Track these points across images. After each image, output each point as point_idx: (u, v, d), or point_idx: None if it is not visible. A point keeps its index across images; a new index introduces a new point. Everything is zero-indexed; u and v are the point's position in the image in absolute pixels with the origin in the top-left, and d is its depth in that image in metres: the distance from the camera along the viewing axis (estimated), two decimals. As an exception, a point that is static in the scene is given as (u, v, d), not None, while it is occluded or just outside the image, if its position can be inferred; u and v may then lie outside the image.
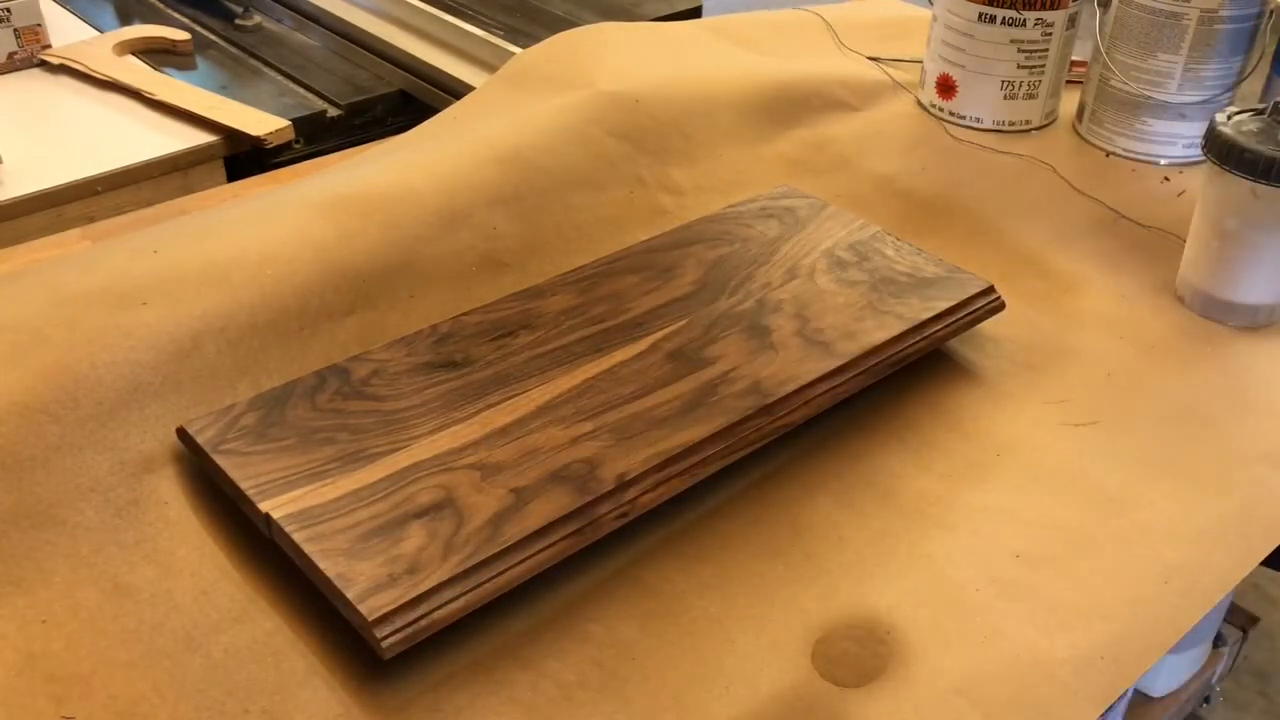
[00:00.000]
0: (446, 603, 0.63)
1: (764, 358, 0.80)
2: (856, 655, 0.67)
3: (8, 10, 1.37)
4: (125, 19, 1.60)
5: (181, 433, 0.73)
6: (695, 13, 1.60)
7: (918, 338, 0.85)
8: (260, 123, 1.29)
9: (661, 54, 1.24)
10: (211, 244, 0.88)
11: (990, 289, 0.89)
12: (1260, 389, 0.89)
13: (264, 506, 0.67)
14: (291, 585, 0.68)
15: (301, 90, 1.41)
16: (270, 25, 1.60)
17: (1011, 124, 1.21)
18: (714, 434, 0.74)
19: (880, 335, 0.83)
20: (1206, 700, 1.32)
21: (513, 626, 0.68)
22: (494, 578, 0.65)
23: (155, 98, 1.33)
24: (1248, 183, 0.89)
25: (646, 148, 1.09)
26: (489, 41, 1.42)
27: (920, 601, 0.71)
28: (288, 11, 1.62)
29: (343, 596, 0.62)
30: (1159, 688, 1.19)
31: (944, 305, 0.87)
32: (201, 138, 1.27)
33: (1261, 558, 0.75)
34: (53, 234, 1.08)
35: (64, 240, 1.05)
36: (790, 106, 1.19)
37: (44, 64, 1.41)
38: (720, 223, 0.96)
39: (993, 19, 1.16)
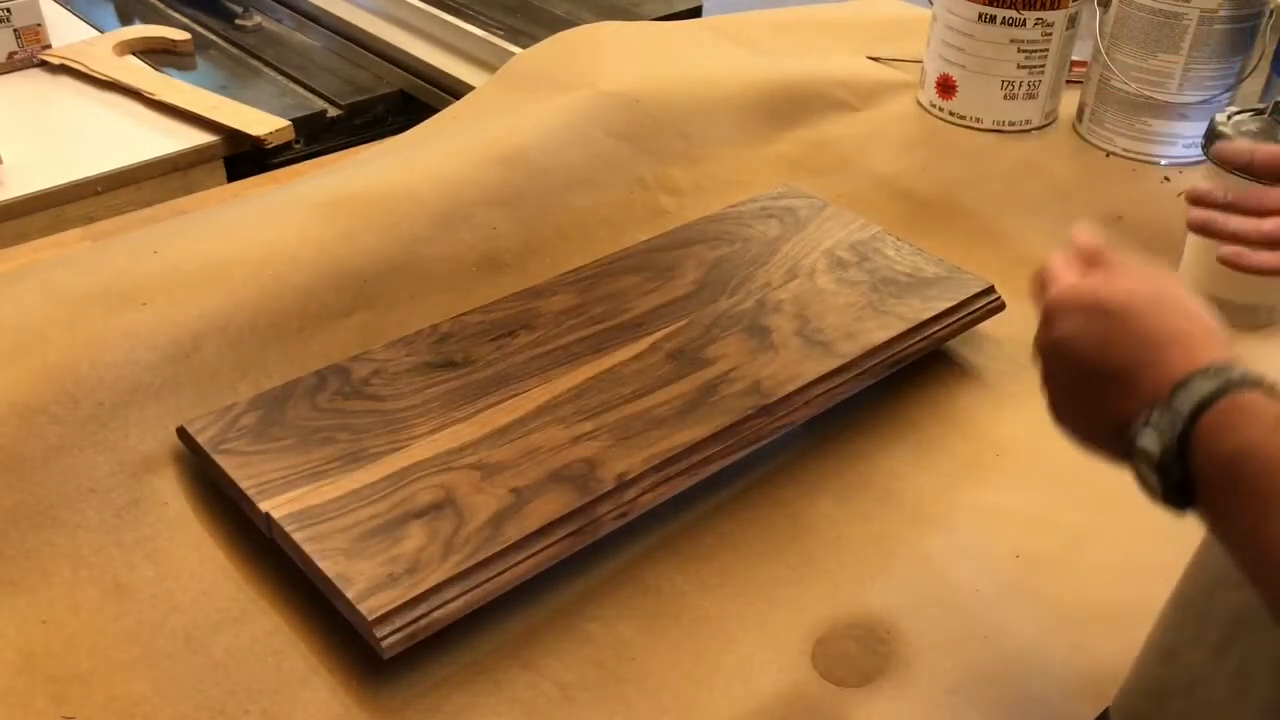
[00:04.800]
0: (446, 602, 0.63)
1: (764, 358, 0.80)
2: (856, 655, 0.67)
3: (8, 10, 1.37)
4: (125, 19, 1.60)
5: (182, 433, 0.73)
6: (695, 13, 1.60)
7: (918, 338, 0.85)
8: (260, 123, 1.28)
9: (661, 54, 1.24)
10: (211, 244, 0.88)
11: (990, 289, 0.89)
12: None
13: (264, 506, 0.67)
14: (291, 585, 0.68)
15: (301, 90, 1.41)
16: (270, 25, 1.60)
17: (1011, 124, 1.21)
18: (714, 434, 0.74)
19: (880, 335, 0.83)
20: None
21: (513, 626, 0.68)
22: (494, 577, 0.65)
23: (155, 98, 1.32)
24: (1248, 183, 0.89)
25: (646, 148, 1.09)
26: (489, 41, 1.42)
27: (920, 601, 0.71)
28: (288, 11, 1.62)
29: (342, 596, 0.62)
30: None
31: (944, 305, 0.87)
32: (201, 138, 1.27)
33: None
34: (53, 234, 1.08)
35: (64, 240, 1.05)
36: (790, 106, 1.19)
37: (44, 64, 1.41)
38: (720, 223, 0.96)
39: (993, 19, 1.16)
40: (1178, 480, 0.46)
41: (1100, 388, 0.50)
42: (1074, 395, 0.52)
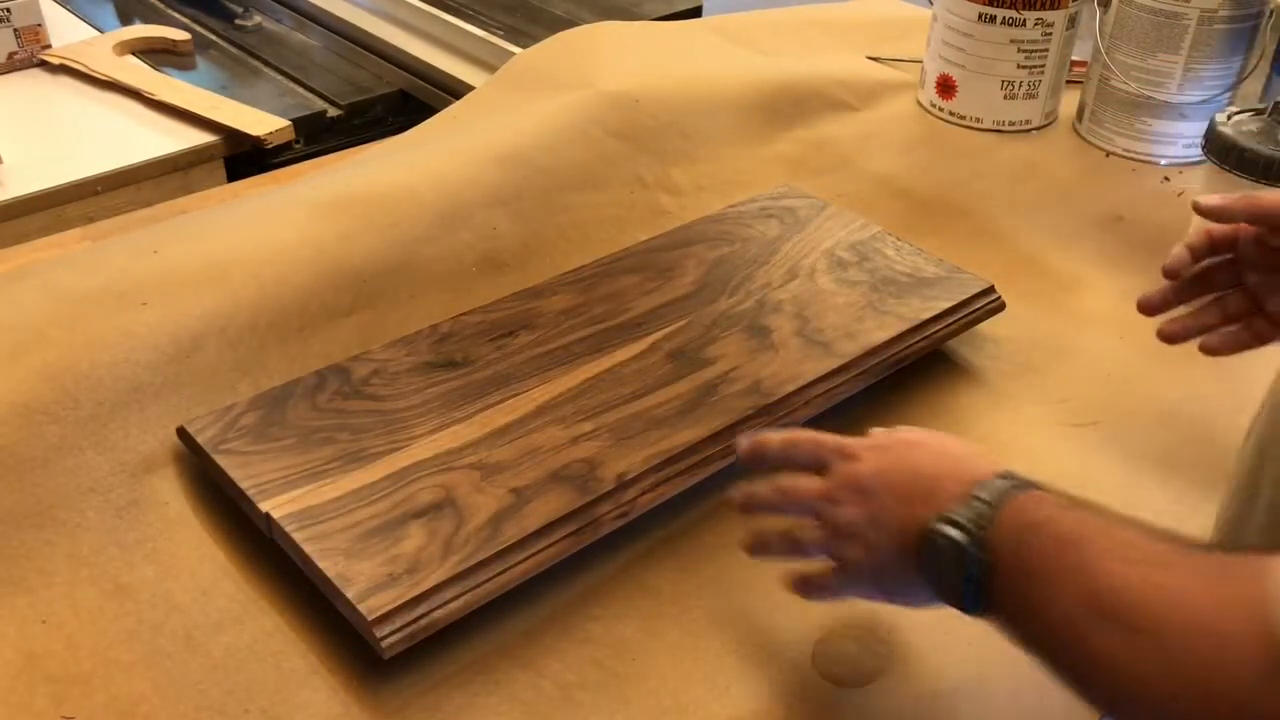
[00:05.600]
0: (446, 602, 0.63)
1: (764, 358, 0.80)
2: (856, 655, 0.67)
3: (8, 10, 1.37)
4: (125, 19, 1.60)
5: (182, 432, 0.73)
6: (695, 13, 1.60)
7: (918, 338, 0.85)
8: (260, 123, 1.29)
9: (661, 54, 1.24)
10: (211, 244, 0.88)
11: (990, 289, 0.89)
12: (1260, 389, 0.89)
13: (264, 506, 0.67)
14: (291, 585, 0.68)
15: (301, 90, 1.42)
16: (270, 25, 1.60)
17: (1011, 124, 1.21)
18: (714, 434, 0.74)
19: (880, 335, 0.83)
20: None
21: (513, 626, 0.68)
22: (494, 577, 0.65)
23: (155, 98, 1.33)
24: (1248, 182, 0.89)
25: (646, 148, 1.09)
26: (489, 41, 1.42)
27: (920, 601, 0.71)
28: (288, 11, 1.62)
29: (342, 596, 0.62)
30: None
31: (944, 305, 0.87)
32: (201, 138, 1.27)
33: (1262, 557, 0.75)
34: (53, 234, 1.08)
35: (64, 240, 1.05)
36: (790, 106, 1.19)
37: (44, 64, 1.41)
38: (720, 223, 0.96)
39: (993, 19, 1.16)
40: (978, 571, 0.50)
41: (905, 498, 0.55)
42: (874, 524, 0.56)
